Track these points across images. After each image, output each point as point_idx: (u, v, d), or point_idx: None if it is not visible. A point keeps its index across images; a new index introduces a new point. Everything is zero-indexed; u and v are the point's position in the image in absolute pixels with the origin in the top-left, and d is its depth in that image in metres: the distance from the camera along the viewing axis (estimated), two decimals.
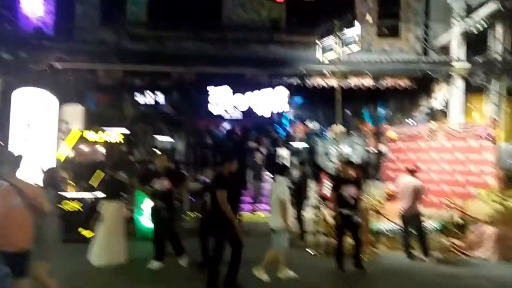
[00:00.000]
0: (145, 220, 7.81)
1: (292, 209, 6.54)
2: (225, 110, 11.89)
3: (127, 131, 10.82)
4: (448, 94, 10.06)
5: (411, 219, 7.20)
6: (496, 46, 9.55)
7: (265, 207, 9.72)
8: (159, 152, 6.69)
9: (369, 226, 7.42)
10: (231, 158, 5.42)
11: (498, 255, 7.03)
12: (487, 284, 5.82)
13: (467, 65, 9.72)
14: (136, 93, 11.18)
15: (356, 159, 10.76)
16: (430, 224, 7.58)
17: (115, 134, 10.52)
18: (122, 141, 10.76)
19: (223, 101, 11.66)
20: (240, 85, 11.11)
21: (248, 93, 11.55)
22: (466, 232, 7.51)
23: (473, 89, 9.98)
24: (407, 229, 7.28)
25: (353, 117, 12.12)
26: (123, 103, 11.15)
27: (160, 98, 11.44)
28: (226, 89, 11.51)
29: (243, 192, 9.96)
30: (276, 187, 5.66)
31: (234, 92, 11.52)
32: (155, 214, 6.30)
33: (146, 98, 11.26)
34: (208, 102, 11.51)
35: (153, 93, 11.31)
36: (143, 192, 6.80)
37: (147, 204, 7.19)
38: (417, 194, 7.21)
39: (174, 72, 10.24)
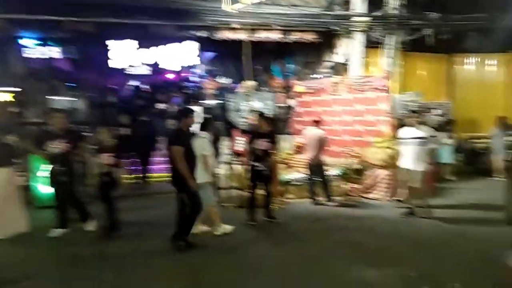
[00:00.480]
0: (43, 187, 7.24)
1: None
2: (130, 66, 11.19)
3: (17, 90, 9.69)
4: (349, 48, 10.54)
5: (316, 168, 7.68)
6: (392, 1, 10.12)
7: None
8: (55, 112, 6.06)
9: (279, 178, 7.76)
10: (186, 113, 5.32)
11: (390, 195, 7.86)
12: (380, 221, 6.50)
13: (367, 19, 10.19)
14: (24, 47, 9.92)
15: (267, 114, 10.99)
16: (332, 171, 8.15)
17: (2, 93, 9.37)
18: (12, 101, 9.64)
19: (127, 56, 10.93)
20: (146, 39, 10.43)
21: (155, 48, 10.94)
22: (364, 176, 8.23)
23: (371, 43, 10.56)
24: (313, 178, 7.76)
25: (263, 72, 12.20)
26: (10, 58, 9.85)
27: (55, 52, 10.32)
28: (130, 43, 10.76)
29: (154, 152, 9.66)
30: (196, 142, 5.58)
31: (140, 47, 10.84)
32: (53, 179, 5.83)
33: (38, 52, 10.07)
34: (109, 57, 10.70)
35: (46, 46, 10.14)
36: (38, 156, 6.23)
37: (44, 169, 6.63)
38: (321, 145, 7.65)
39: (70, 22, 9.13)
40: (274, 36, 10.37)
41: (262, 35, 10.19)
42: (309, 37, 10.61)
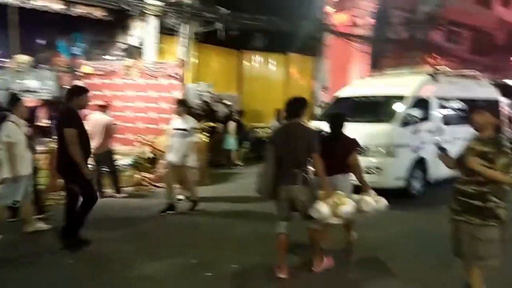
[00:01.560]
0: None
1: None
2: None
3: None
4: (144, 32, 10.12)
5: (103, 157, 7.01)
6: None
7: None
8: None
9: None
10: (80, 91, 4.85)
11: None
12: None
13: (160, 4, 9.97)
14: None
15: (46, 95, 9.50)
16: (123, 161, 7.64)
17: None
18: None
19: None
20: None
21: None
22: (157, 165, 8.00)
23: (166, 30, 10.41)
24: (100, 168, 7.07)
25: (45, 47, 10.50)
26: None
27: None
28: None
29: None
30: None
31: None
32: None
33: None
34: None
35: None
36: None
37: None
38: (108, 132, 7.01)
39: None
40: (54, 6, 9.00)
41: (38, 3, 8.70)
42: (98, 13, 9.65)
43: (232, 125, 10.51)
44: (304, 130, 3.95)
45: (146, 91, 8.60)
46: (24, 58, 9.19)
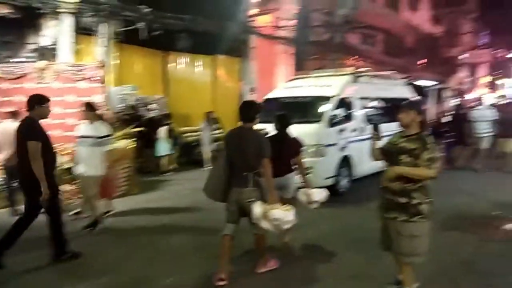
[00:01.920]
0: None
1: None
2: None
3: None
4: (57, 32, 9.34)
5: (15, 170, 6.29)
6: None
7: None
8: None
9: None
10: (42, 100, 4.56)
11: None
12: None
13: (75, 1, 9.28)
14: None
15: None
16: None
17: None
18: None
19: None
20: None
21: None
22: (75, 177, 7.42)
23: (83, 30, 9.72)
24: (12, 182, 6.37)
25: None
26: None
27: None
28: None
29: None
30: None
31: None
32: None
33: None
34: None
35: None
36: None
37: None
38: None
39: None
40: None
41: None
42: (4, 10, 8.72)
43: (163, 130, 10.12)
44: (256, 135, 3.98)
45: (63, 96, 7.93)
46: None
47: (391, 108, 7.75)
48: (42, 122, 4.47)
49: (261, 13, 15.34)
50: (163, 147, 10.15)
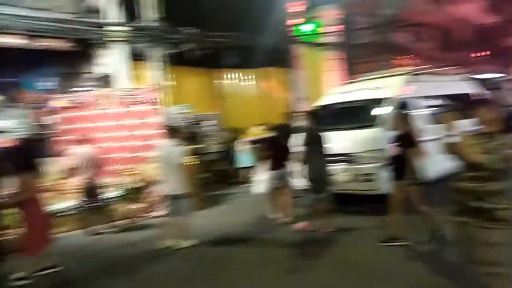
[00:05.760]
0: None
1: None
2: None
3: None
4: (113, 60, 9.85)
5: (91, 191, 6.68)
6: (148, 13, 10.00)
7: None
8: None
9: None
10: None
11: None
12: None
13: (125, 29, 9.75)
14: None
15: (22, 134, 9.07)
16: (110, 193, 7.32)
17: None
18: None
19: None
20: None
21: None
22: (145, 195, 7.69)
23: (137, 56, 10.17)
24: (89, 203, 6.73)
25: (9, 84, 10.05)
26: None
27: None
28: None
29: None
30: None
31: None
32: None
33: None
34: None
35: None
36: None
37: None
38: (95, 164, 6.73)
39: None
40: (17, 41, 8.63)
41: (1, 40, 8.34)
42: (62, 45, 9.32)
43: (241, 143, 10.43)
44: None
45: (125, 120, 8.32)
46: None
47: (455, 105, 7.31)
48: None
49: (306, 21, 15.27)
50: (243, 159, 10.32)
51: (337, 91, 9.29)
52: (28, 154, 5.15)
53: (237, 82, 13.81)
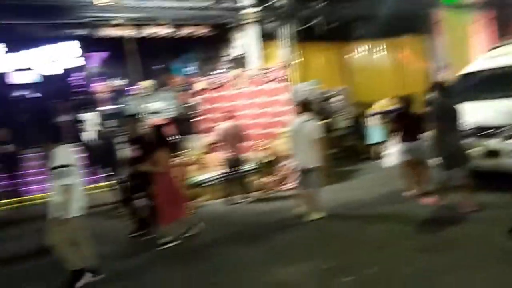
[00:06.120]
0: None
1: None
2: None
3: None
4: (246, 41, 10.35)
5: (233, 164, 7.30)
6: None
7: None
8: None
9: (189, 181, 7.29)
10: None
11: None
12: (292, 214, 6.14)
13: (257, 10, 10.09)
14: None
15: (171, 114, 10.34)
16: (246, 166, 7.86)
17: None
18: None
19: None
20: (14, 41, 9.05)
21: (27, 51, 9.54)
22: (276, 169, 8.06)
23: (267, 35, 10.50)
24: (230, 175, 7.35)
25: (161, 70, 11.47)
26: None
27: None
28: None
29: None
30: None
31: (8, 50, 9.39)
32: None
33: None
34: None
35: None
36: None
37: None
38: (238, 138, 7.32)
39: None
40: (164, 31, 9.72)
41: (151, 31, 9.49)
42: (202, 31, 10.17)
43: (373, 118, 10.12)
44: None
45: (256, 98, 8.72)
46: (147, 83, 10.12)
47: None
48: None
49: None
50: (374, 134, 10.08)
51: (485, 56, 8.17)
52: (163, 133, 5.80)
53: (368, 54, 13.19)
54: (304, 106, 6.01)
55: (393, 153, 6.65)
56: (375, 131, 10.09)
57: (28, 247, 5.79)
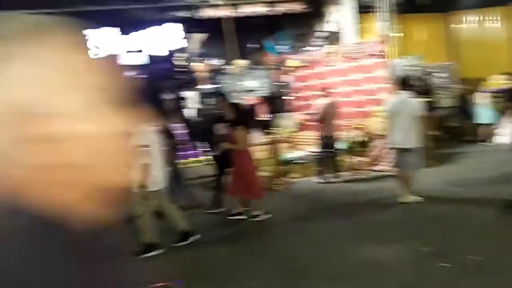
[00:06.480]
0: None
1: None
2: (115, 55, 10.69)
3: None
4: (341, 15, 10.02)
5: (328, 141, 7.25)
6: None
7: None
8: None
9: (280, 158, 7.46)
10: None
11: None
12: (388, 195, 6.04)
13: None
14: None
15: (263, 92, 10.60)
16: (338, 145, 7.79)
17: None
18: None
19: (110, 45, 10.39)
20: (125, 25, 9.92)
21: (135, 33, 10.39)
22: (369, 148, 7.84)
23: (364, 8, 10.04)
24: (323, 152, 7.36)
25: (255, 49, 11.70)
26: None
27: None
28: (110, 31, 10.17)
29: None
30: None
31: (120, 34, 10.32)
32: None
33: None
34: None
35: None
36: None
37: None
38: (333, 117, 7.26)
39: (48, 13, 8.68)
40: (260, 9, 9.84)
41: (248, 10, 9.68)
42: (297, 7, 10.08)
43: (482, 96, 9.31)
44: None
45: (350, 75, 8.50)
46: (242, 62, 10.45)
47: None
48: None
49: None
50: (483, 114, 9.31)
51: None
52: (243, 112, 5.95)
53: (477, 25, 11.90)
54: (404, 83, 5.72)
55: (506, 134, 6.05)
56: (484, 110, 9.21)
57: None
